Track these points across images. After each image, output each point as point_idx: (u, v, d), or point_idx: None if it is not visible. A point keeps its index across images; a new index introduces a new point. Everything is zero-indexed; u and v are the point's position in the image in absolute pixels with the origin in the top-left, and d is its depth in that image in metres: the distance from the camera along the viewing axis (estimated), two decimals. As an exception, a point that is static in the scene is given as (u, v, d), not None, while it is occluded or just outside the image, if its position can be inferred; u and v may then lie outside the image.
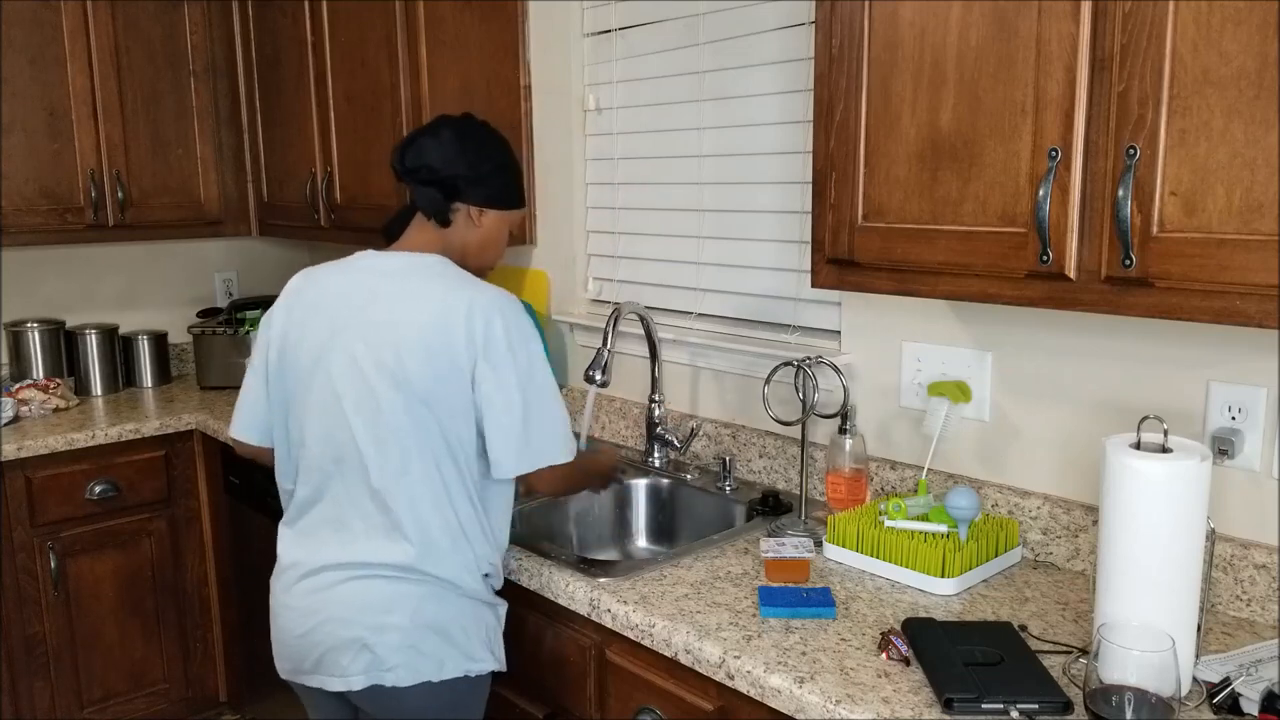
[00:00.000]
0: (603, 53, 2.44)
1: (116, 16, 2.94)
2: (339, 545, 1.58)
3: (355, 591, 1.56)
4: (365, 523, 1.57)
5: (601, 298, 2.57)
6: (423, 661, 1.55)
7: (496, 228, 1.72)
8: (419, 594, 1.55)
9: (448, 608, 1.57)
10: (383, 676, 1.54)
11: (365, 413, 1.55)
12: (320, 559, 1.59)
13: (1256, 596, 1.48)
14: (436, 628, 1.56)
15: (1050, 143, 1.29)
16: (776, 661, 1.36)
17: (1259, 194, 1.13)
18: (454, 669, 1.57)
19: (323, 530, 1.61)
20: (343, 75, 2.79)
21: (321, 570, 1.59)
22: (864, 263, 1.54)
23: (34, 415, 2.87)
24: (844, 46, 1.52)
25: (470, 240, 1.70)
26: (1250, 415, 1.47)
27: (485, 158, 1.67)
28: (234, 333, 3.18)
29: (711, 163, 2.23)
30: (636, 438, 2.41)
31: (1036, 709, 1.21)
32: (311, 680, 1.60)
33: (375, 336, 1.55)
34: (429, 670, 1.55)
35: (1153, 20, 1.18)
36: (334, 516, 1.60)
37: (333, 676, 1.57)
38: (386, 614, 1.54)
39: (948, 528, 1.63)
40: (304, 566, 1.61)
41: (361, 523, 1.57)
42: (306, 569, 1.61)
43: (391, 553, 1.55)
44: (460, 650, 1.58)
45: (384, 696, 1.56)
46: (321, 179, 2.92)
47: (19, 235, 2.86)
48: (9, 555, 2.65)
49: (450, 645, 1.57)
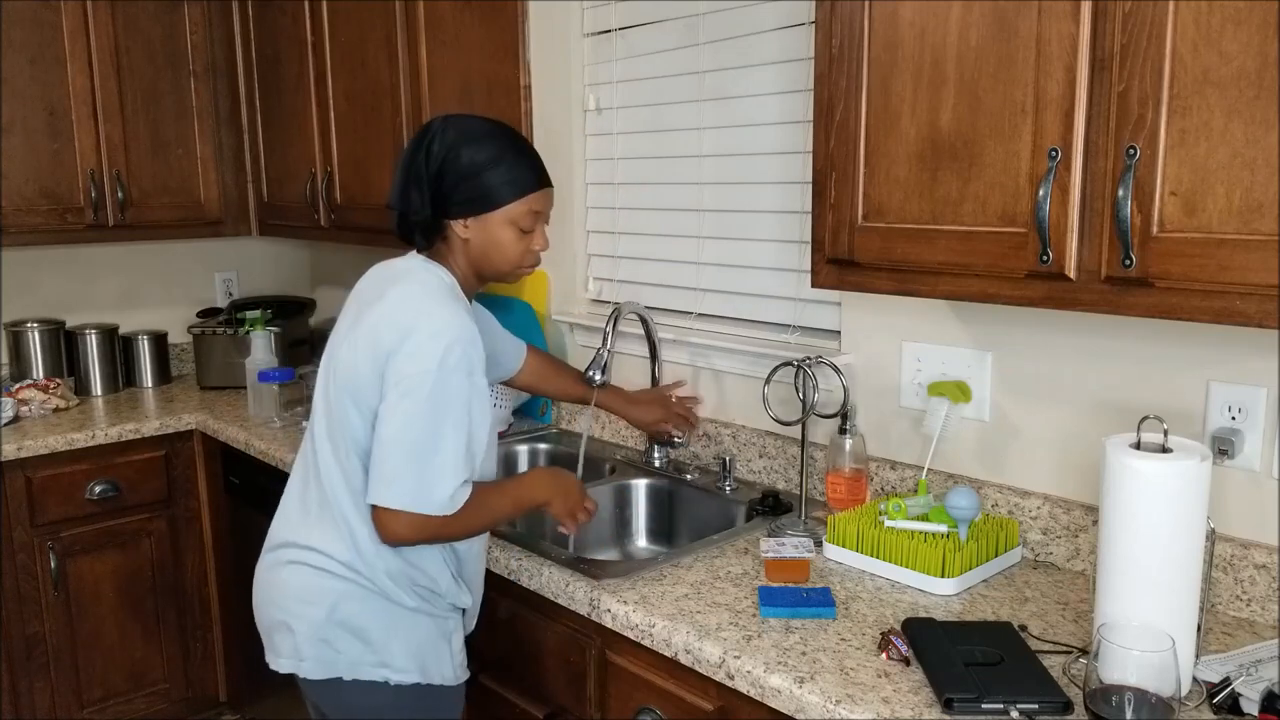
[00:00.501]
0: (603, 53, 2.44)
1: (116, 16, 2.94)
2: (294, 524, 1.64)
3: (289, 574, 1.60)
4: (319, 508, 1.60)
5: (601, 298, 2.57)
6: (334, 658, 1.57)
7: (486, 233, 1.59)
8: (340, 590, 1.56)
9: (368, 610, 1.56)
10: (299, 665, 1.59)
11: (326, 407, 1.59)
12: (281, 534, 1.66)
13: (1256, 596, 1.48)
14: (351, 627, 1.56)
15: (1050, 143, 1.29)
16: (776, 661, 1.36)
17: (1259, 194, 1.13)
18: (369, 673, 1.57)
19: (292, 504, 1.67)
20: (343, 75, 2.79)
21: (279, 546, 1.65)
22: (864, 263, 1.54)
23: (34, 415, 2.87)
24: (844, 46, 1.52)
25: (470, 251, 1.61)
26: (1250, 415, 1.47)
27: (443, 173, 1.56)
28: (234, 333, 3.18)
29: (711, 163, 2.23)
30: (636, 438, 2.41)
31: (1036, 709, 1.21)
32: (267, 654, 1.66)
33: (350, 331, 1.58)
34: (340, 667, 1.57)
35: (1153, 20, 1.18)
36: (299, 494, 1.66)
37: (272, 654, 1.64)
38: (305, 604, 1.58)
39: (948, 528, 1.63)
40: (271, 538, 1.68)
41: (317, 507, 1.60)
42: (271, 541, 1.68)
43: (328, 542, 1.57)
44: (375, 655, 1.57)
45: (308, 686, 1.61)
46: (321, 179, 2.92)
47: (19, 235, 2.86)
48: (9, 555, 2.65)
49: (366, 647, 1.56)
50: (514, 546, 1.80)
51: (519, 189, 1.58)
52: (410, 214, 1.58)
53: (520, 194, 1.58)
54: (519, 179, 1.58)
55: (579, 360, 2.56)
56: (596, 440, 2.51)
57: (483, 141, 1.57)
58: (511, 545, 1.80)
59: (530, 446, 2.49)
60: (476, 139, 1.57)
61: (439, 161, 1.55)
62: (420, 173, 1.56)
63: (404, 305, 1.53)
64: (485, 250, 1.61)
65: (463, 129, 1.58)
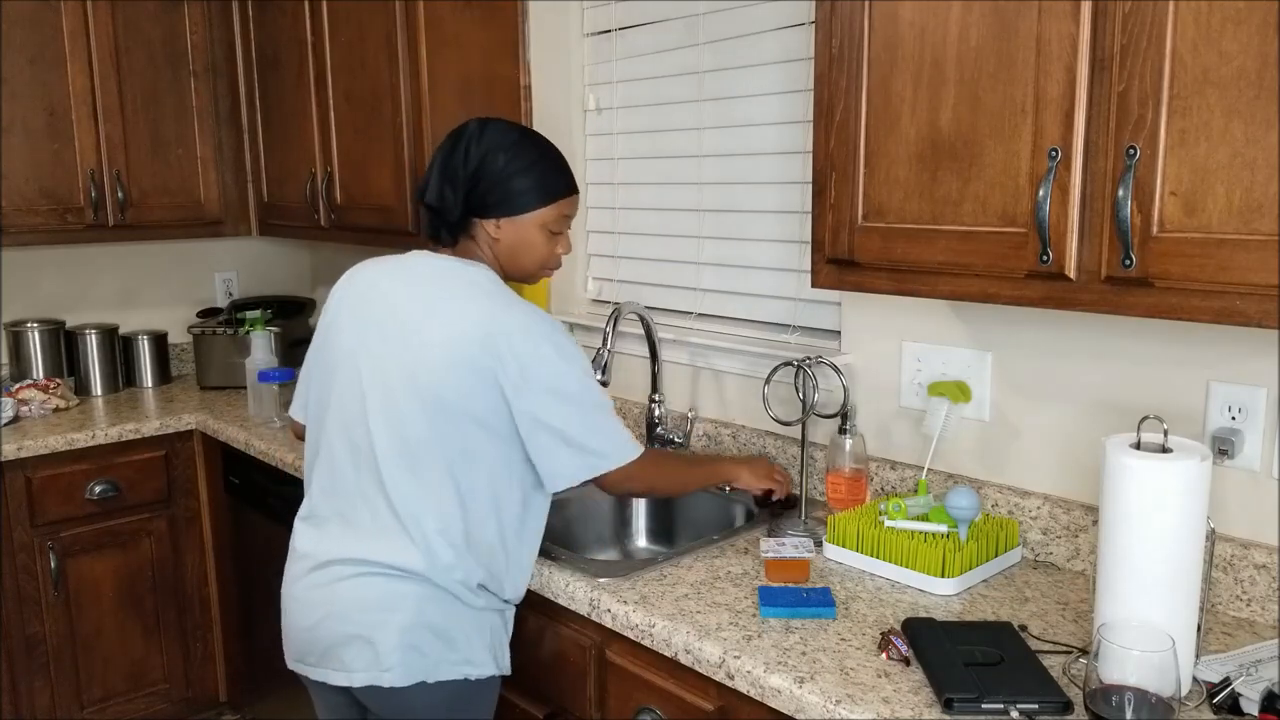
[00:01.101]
0: (603, 53, 2.44)
1: (116, 16, 2.94)
2: (348, 540, 1.59)
3: (359, 587, 1.56)
4: (375, 521, 1.57)
5: (601, 298, 2.57)
6: (421, 662, 1.55)
7: (517, 234, 1.65)
8: (420, 594, 1.55)
9: (449, 611, 1.57)
10: (380, 676, 1.54)
11: (385, 416, 1.56)
12: (329, 552, 1.60)
13: (1256, 596, 1.48)
14: (436, 629, 1.56)
15: (1050, 143, 1.29)
16: (776, 661, 1.36)
17: (1259, 194, 1.13)
18: (451, 671, 1.57)
19: (333, 523, 1.62)
20: (343, 75, 2.79)
21: (329, 564, 1.60)
22: (864, 263, 1.54)
23: (34, 415, 2.87)
24: (844, 46, 1.52)
25: (499, 251, 1.66)
26: (1250, 415, 1.47)
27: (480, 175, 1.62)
28: (234, 333, 3.18)
29: (711, 163, 2.23)
30: (636, 437, 2.41)
31: (1036, 709, 1.21)
32: (315, 673, 1.61)
33: (406, 342, 1.56)
34: (425, 671, 1.55)
35: (1153, 20, 1.18)
36: (345, 511, 1.61)
37: (336, 671, 1.58)
38: (389, 611, 1.54)
39: (948, 528, 1.63)
40: (313, 559, 1.62)
41: (371, 521, 1.58)
42: (315, 561, 1.62)
43: (395, 554, 1.55)
44: (460, 654, 1.58)
45: (382, 695, 1.56)
46: (321, 179, 2.92)
47: (19, 235, 2.86)
48: (9, 555, 2.65)
49: (449, 648, 1.57)
50: (514, 546, 1.80)
51: (552, 194, 1.67)
52: (444, 212, 1.63)
53: (553, 199, 1.67)
54: (552, 185, 1.67)
55: (579, 360, 2.56)
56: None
57: (519, 146, 1.64)
58: (511, 545, 1.80)
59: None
60: (513, 144, 1.64)
61: (476, 163, 1.62)
62: (456, 173, 1.62)
63: (485, 311, 1.55)
64: (515, 250, 1.67)
65: (499, 133, 1.64)
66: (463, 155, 1.63)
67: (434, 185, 1.64)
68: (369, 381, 1.58)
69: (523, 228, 1.65)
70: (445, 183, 1.63)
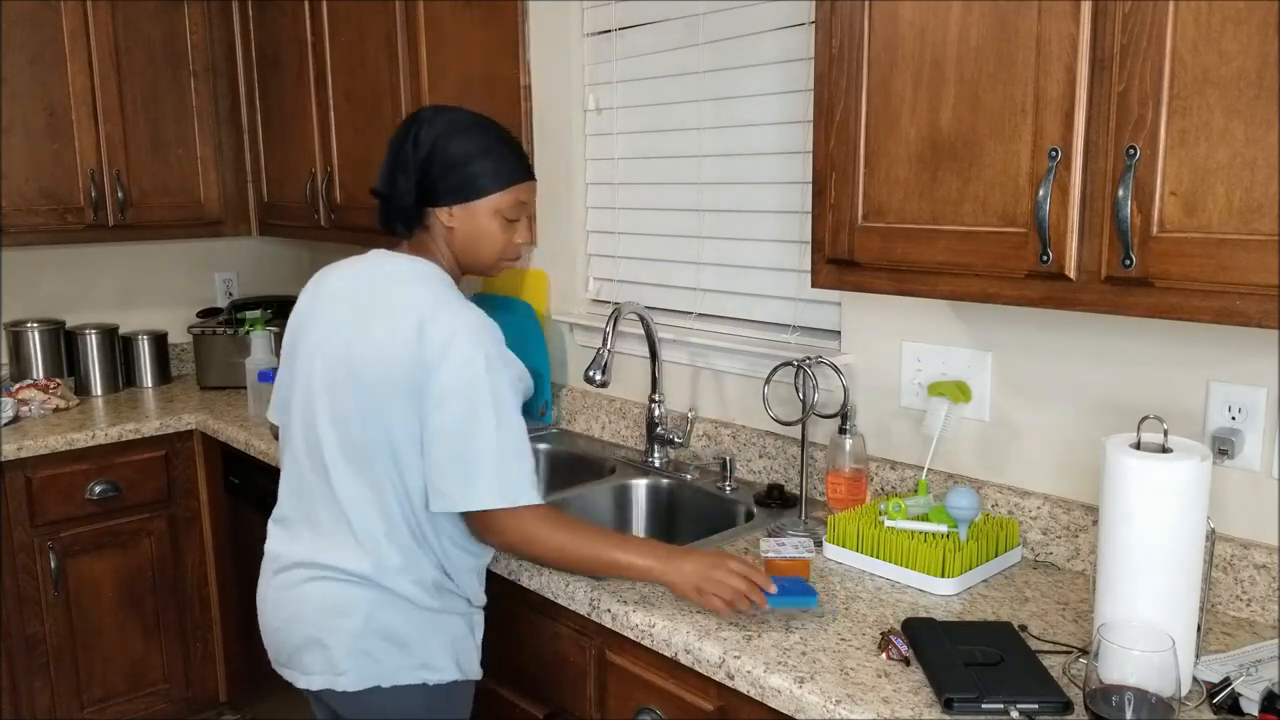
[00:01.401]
0: (603, 53, 2.44)
1: (116, 16, 2.94)
2: (309, 543, 1.60)
3: (316, 591, 1.57)
4: (331, 524, 1.58)
5: (601, 298, 2.57)
6: (374, 667, 1.54)
7: (472, 222, 1.61)
8: (371, 599, 1.54)
9: (402, 615, 1.56)
10: (335, 680, 1.55)
11: (333, 417, 1.56)
12: (293, 555, 1.61)
13: (1256, 596, 1.48)
14: (388, 634, 1.55)
15: (1050, 143, 1.29)
16: (776, 661, 1.36)
17: (1259, 194, 1.13)
18: (409, 676, 1.56)
19: (298, 525, 1.63)
20: (343, 75, 2.79)
21: (293, 567, 1.61)
22: (864, 263, 1.54)
23: (34, 415, 2.87)
24: (844, 46, 1.52)
25: (454, 241, 1.63)
26: (1250, 415, 1.47)
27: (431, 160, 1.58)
28: (234, 333, 3.18)
29: (711, 163, 2.23)
30: (636, 438, 2.41)
31: (1036, 709, 1.21)
32: (285, 673, 1.63)
33: (350, 343, 1.55)
34: (380, 676, 1.55)
35: (1153, 20, 1.18)
36: (309, 513, 1.62)
37: (299, 673, 1.60)
38: (341, 616, 1.55)
39: (948, 528, 1.63)
40: (280, 560, 1.64)
41: (328, 523, 1.58)
42: (281, 563, 1.63)
43: (346, 559, 1.55)
44: (415, 659, 1.56)
45: (339, 699, 1.57)
46: (321, 179, 2.92)
47: (19, 235, 2.86)
48: (9, 555, 2.65)
49: (404, 653, 1.56)
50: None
51: (506, 179, 1.62)
52: (395, 199, 1.59)
53: (507, 184, 1.62)
54: (506, 169, 1.62)
55: (580, 360, 2.56)
56: (596, 440, 2.51)
57: (471, 131, 1.60)
58: (511, 545, 1.80)
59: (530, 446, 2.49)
60: (465, 129, 1.60)
61: (427, 148, 1.58)
62: (407, 159, 1.59)
63: (428, 311, 1.51)
64: (470, 239, 1.63)
65: (451, 119, 1.61)
66: (413, 141, 1.59)
67: (384, 172, 1.61)
68: (320, 383, 1.58)
69: (477, 215, 1.61)
70: (397, 169, 1.60)
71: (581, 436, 2.54)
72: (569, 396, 2.59)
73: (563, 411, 2.62)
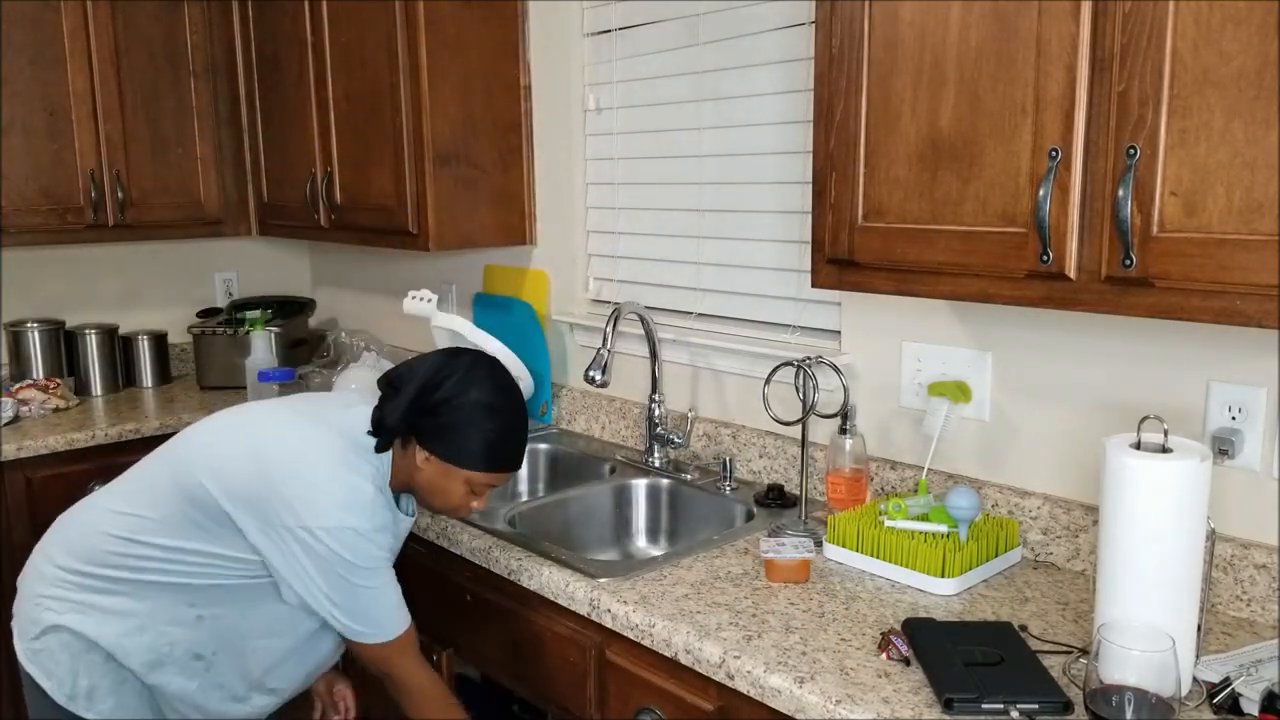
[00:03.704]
0: (603, 53, 2.44)
1: (116, 16, 2.94)
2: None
3: None
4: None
5: (601, 298, 2.57)
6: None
7: (443, 477, 1.61)
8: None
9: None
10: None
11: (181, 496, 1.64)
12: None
13: (1256, 596, 1.48)
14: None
15: (1050, 143, 1.29)
16: (776, 661, 1.36)
17: (1259, 194, 1.13)
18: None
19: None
20: (343, 75, 2.79)
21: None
22: (864, 263, 1.54)
23: (34, 415, 2.86)
24: (844, 46, 1.52)
25: (416, 478, 1.62)
26: (1250, 415, 1.47)
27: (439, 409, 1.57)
28: (234, 333, 3.18)
29: (711, 163, 2.23)
30: (636, 438, 2.41)
31: (1036, 709, 1.21)
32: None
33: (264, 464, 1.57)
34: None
35: (1153, 20, 1.18)
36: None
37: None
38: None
39: (948, 528, 1.63)
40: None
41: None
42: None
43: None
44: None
45: None
46: (321, 179, 2.92)
47: (19, 235, 2.86)
48: (9, 555, 2.65)
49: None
50: (514, 547, 1.79)
51: (494, 465, 1.61)
52: (391, 414, 1.56)
53: (492, 469, 1.61)
54: (499, 459, 1.61)
55: (580, 360, 2.56)
56: (596, 440, 2.51)
57: (490, 413, 1.58)
58: (512, 545, 1.80)
59: (529, 447, 2.49)
60: (485, 408, 1.58)
61: (444, 397, 1.57)
62: (426, 393, 1.57)
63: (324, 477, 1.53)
64: (431, 488, 1.63)
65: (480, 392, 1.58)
66: (437, 384, 1.57)
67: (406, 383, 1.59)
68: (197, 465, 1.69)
69: (450, 474, 1.60)
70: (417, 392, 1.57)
71: (581, 436, 2.54)
72: (569, 396, 2.59)
73: (563, 411, 2.62)
